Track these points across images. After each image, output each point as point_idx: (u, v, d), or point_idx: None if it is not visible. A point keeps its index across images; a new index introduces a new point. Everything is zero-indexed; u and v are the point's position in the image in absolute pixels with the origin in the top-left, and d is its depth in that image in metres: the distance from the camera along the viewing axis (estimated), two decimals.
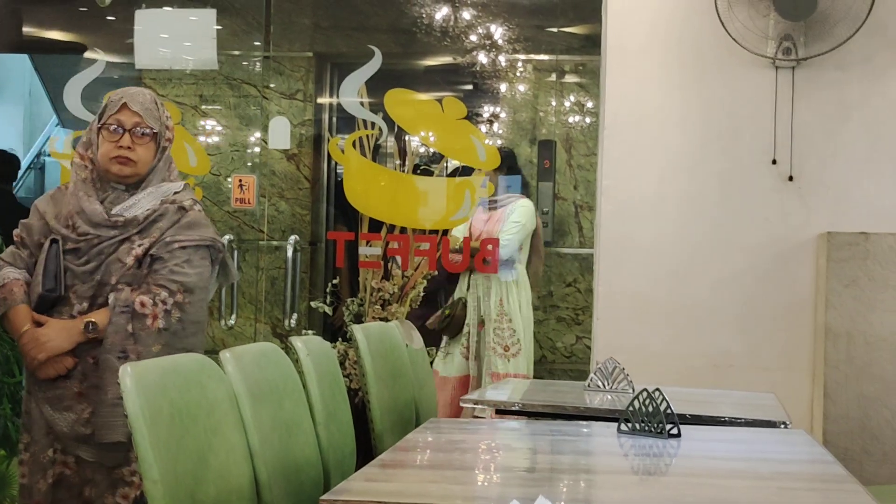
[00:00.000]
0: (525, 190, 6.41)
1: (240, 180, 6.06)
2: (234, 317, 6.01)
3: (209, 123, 6.94)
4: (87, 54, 6.59)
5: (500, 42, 6.50)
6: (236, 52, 6.72)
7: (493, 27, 6.41)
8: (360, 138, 5.85)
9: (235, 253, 6.11)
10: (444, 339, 6.17)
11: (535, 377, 6.19)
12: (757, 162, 5.18)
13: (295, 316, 5.84)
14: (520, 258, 6.12)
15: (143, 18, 6.20)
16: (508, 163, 6.29)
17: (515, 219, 6.07)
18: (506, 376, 5.88)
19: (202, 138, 6.79)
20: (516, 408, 3.91)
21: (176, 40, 6.36)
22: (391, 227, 5.81)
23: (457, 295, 6.17)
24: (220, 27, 6.28)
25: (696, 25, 5.23)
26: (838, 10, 4.98)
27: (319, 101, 7.80)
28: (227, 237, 6.03)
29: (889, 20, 5.09)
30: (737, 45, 5.10)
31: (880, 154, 5.13)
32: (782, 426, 3.52)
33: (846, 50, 5.04)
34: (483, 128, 6.82)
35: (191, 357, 2.67)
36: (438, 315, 6.11)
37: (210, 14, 6.19)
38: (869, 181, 5.13)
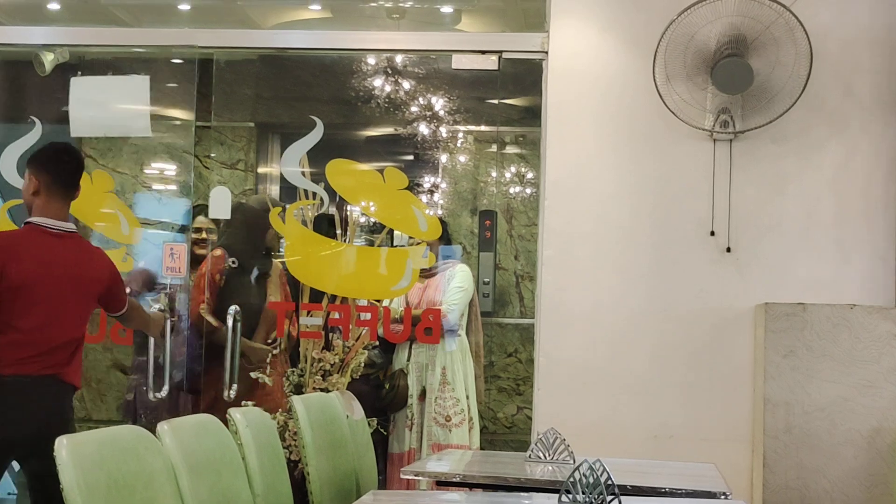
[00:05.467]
0: (463, 260, 6.39)
1: (171, 248, 5.97)
2: (166, 388, 5.87)
3: (147, 193, 6.89)
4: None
5: (441, 113, 6.53)
6: (177, 122, 6.69)
7: (434, 99, 6.44)
8: (301, 208, 5.84)
9: (168, 322, 5.97)
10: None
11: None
12: (695, 233, 5.23)
13: (235, 387, 5.76)
14: (462, 325, 6.09)
15: (78, 86, 6.13)
16: (447, 233, 6.28)
17: (457, 284, 6.02)
18: (447, 447, 5.82)
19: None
20: (457, 479, 3.88)
21: (110, 108, 6.29)
22: (332, 297, 5.78)
23: (396, 367, 6.11)
24: (160, 96, 6.26)
25: (635, 98, 5.29)
26: (774, 85, 5.06)
27: (261, 170, 7.79)
28: (157, 306, 5.91)
29: (824, 95, 5.18)
30: (675, 118, 5.16)
31: (816, 226, 5.20)
32: (722, 497, 3.52)
33: (782, 123, 5.12)
34: (424, 198, 6.83)
35: (128, 429, 2.63)
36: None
37: (143, 81, 6.12)
38: (805, 253, 5.18)
